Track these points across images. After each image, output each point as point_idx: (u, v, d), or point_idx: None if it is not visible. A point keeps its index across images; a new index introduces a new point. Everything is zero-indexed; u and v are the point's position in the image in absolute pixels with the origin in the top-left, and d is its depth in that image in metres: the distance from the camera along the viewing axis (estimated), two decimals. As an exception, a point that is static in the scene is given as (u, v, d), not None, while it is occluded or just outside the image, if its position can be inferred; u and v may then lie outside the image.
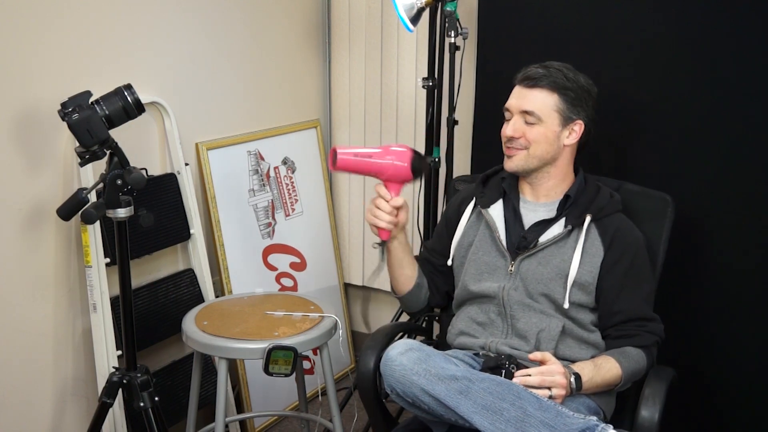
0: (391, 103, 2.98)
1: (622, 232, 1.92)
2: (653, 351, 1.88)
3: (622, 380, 1.81)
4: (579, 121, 1.92)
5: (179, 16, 2.45)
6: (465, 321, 1.98)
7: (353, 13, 2.99)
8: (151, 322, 2.33)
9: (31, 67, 2.03)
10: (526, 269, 1.91)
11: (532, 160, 1.92)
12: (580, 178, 1.99)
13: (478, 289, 1.95)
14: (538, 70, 1.91)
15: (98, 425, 1.97)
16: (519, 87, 1.94)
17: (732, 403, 2.31)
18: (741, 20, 2.13)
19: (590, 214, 1.91)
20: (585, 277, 1.88)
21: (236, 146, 2.70)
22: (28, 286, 2.09)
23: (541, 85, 1.89)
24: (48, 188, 2.10)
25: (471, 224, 2.04)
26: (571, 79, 1.91)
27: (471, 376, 1.66)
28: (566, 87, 1.90)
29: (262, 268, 2.79)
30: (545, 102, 1.89)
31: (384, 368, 1.71)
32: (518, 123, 1.91)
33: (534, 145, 1.90)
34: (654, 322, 1.90)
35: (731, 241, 2.23)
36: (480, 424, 1.61)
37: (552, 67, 1.92)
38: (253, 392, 2.68)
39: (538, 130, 1.90)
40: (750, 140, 2.17)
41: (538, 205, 1.98)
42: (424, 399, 1.66)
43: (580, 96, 1.91)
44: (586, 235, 1.90)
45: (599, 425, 1.62)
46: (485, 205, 2.02)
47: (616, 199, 1.97)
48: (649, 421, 1.72)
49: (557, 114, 1.90)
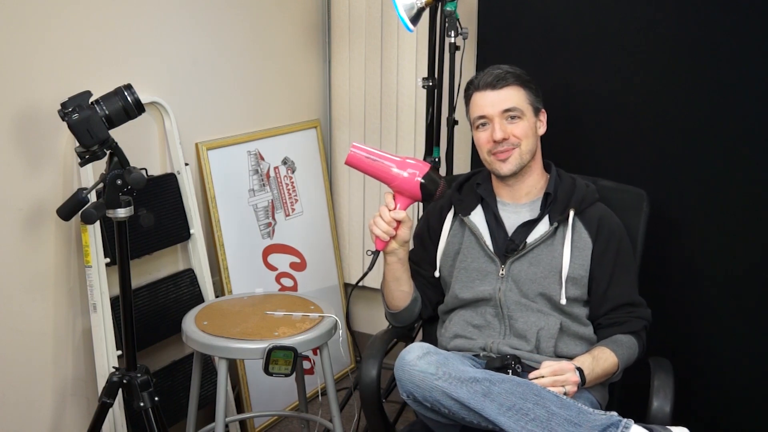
0: (391, 103, 2.98)
1: (606, 221, 1.95)
2: (643, 335, 1.92)
3: (619, 368, 1.85)
4: (542, 110, 1.98)
5: (179, 16, 2.45)
6: (460, 324, 1.97)
7: (353, 13, 2.99)
8: (151, 322, 2.33)
9: (31, 67, 2.03)
10: (518, 271, 1.92)
11: (526, 156, 1.94)
12: (554, 174, 2.01)
13: (470, 296, 1.96)
14: (495, 72, 1.93)
15: (98, 425, 1.97)
16: (485, 92, 1.93)
17: (722, 399, 2.32)
18: (741, 20, 2.13)
19: (573, 208, 1.93)
20: (578, 271, 1.90)
21: (236, 146, 2.70)
22: (28, 286, 2.09)
23: (509, 83, 1.92)
24: (48, 188, 2.10)
25: (454, 232, 2.04)
26: (519, 71, 1.96)
27: (490, 378, 1.65)
28: (526, 80, 1.95)
29: (262, 268, 2.79)
30: (519, 96, 1.93)
31: (401, 373, 1.68)
32: (502, 124, 1.92)
33: (524, 140, 1.92)
34: (641, 306, 1.94)
35: (714, 238, 2.25)
36: (507, 425, 1.60)
37: (501, 67, 1.95)
38: (253, 392, 2.68)
39: (523, 124, 1.93)
40: (748, 139, 2.17)
41: (519, 206, 1.98)
42: (446, 402, 1.64)
43: (535, 85, 1.97)
44: (572, 229, 1.91)
45: (622, 420, 1.63)
46: (465, 212, 2.02)
47: (591, 188, 2.00)
48: (662, 412, 1.75)
49: (530, 106, 1.94)
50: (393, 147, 3.01)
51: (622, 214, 2.01)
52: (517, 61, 2.04)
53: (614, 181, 2.13)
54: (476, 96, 1.95)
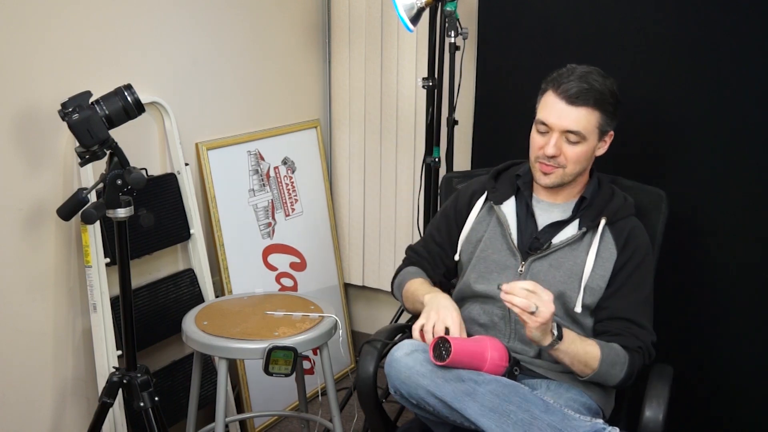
0: (391, 103, 2.98)
1: (635, 235, 1.88)
2: (636, 357, 1.80)
3: (598, 366, 1.74)
4: (611, 132, 1.88)
5: (179, 16, 2.45)
6: (466, 321, 1.94)
7: (353, 13, 2.99)
8: (151, 322, 2.33)
9: (31, 67, 2.03)
10: (538, 271, 1.87)
11: (568, 178, 1.87)
12: (594, 180, 1.95)
13: (481, 290, 1.92)
14: (580, 85, 1.80)
15: (98, 425, 1.97)
16: (558, 101, 1.81)
17: (730, 400, 2.32)
18: (741, 20, 2.13)
19: (605, 216, 1.87)
20: (597, 282, 1.85)
21: (236, 146, 2.70)
22: (28, 286, 2.09)
23: (587, 103, 1.80)
24: (48, 188, 2.10)
25: (480, 219, 1.99)
26: (608, 90, 1.82)
27: (477, 378, 1.64)
28: (606, 101, 1.82)
29: (262, 268, 2.79)
30: (590, 120, 1.81)
31: (389, 369, 1.70)
32: (560, 141, 1.82)
33: (572, 165, 1.85)
34: (643, 329, 1.84)
35: (729, 238, 2.24)
36: (487, 427, 1.59)
37: (591, 79, 1.81)
38: (253, 392, 2.68)
39: (581, 149, 1.83)
40: (747, 138, 2.17)
41: (553, 206, 1.94)
42: (430, 400, 1.65)
43: (615, 105, 1.85)
44: (600, 238, 1.86)
45: (606, 428, 1.61)
46: (498, 201, 1.97)
47: (629, 202, 1.94)
48: (654, 422, 1.70)
49: (597, 130, 1.83)
50: (393, 147, 3.01)
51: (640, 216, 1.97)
52: (517, 61, 2.03)
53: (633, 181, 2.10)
54: (549, 97, 1.83)
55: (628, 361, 1.79)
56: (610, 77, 1.86)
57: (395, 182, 3.04)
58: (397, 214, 3.05)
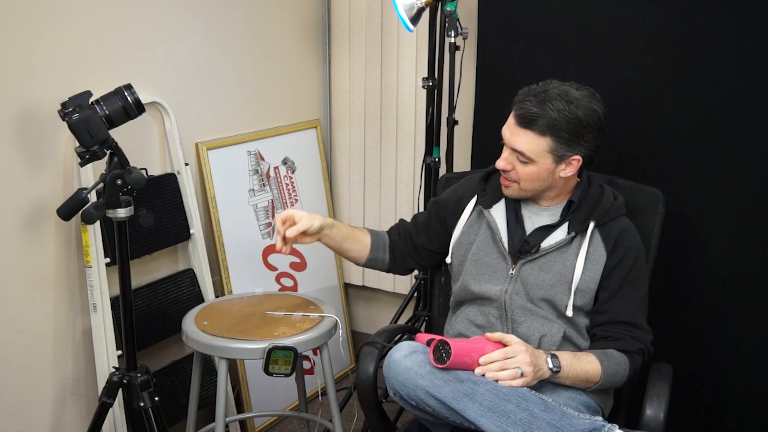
0: (391, 103, 2.98)
1: (625, 236, 1.89)
2: (637, 359, 1.83)
3: (601, 380, 1.77)
4: (576, 156, 1.83)
5: (179, 16, 2.45)
6: (463, 323, 1.97)
7: (353, 13, 2.99)
8: (151, 322, 2.33)
9: (31, 67, 2.03)
10: (527, 274, 1.88)
11: (525, 193, 1.89)
12: (584, 181, 1.94)
13: (479, 290, 1.93)
14: (532, 110, 1.78)
15: (98, 425, 1.97)
16: (512, 119, 1.84)
17: (729, 400, 2.32)
18: (740, 20, 2.13)
19: (594, 220, 1.87)
20: (587, 284, 1.85)
21: (236, 146, 2.70)
22: (28, 286, 2.09)
23: (533, 127, 1.79)
24: (48, 188, 2.10)
25: (471, 222, 2.00)
26: (567, 117, 1.78)
27: (475, 378, 1.65)
28: (559, 128, 1.78)
29: (262, 268, 2.79)
30: (537, 144, 1.80)
31: (387, 371, 1.70)
32: (510, 157, 1.85)
33: (525, 182, 1.86)
34: (642, 330, 1.86)
35: (726, 237, 2.24)
36: (487, 427, 1.60)
37: (549, 103, 1.78)
38: (253, 392, 2.68)
39: (530, 169, 1.83)
40: (744, 138, 2.17)
41: (540, 209, 1.94)
42: (429, 402, 1.65)
43: (577, 133, 1.79)
44: (589, 241, 1.87)
45: (605, 425, 1.62)
46: (487, 205, 1.98)
47: (619, 201, 1.93)
48: (655, 420, 1.71)
49: (549, 154, 1.81)
50: (393, 147, 3.01)
51: (637, 216, 1.97)
52: (517, 61, 2.03)
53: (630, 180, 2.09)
54: (511, 113, 1.85)
55: (629, 365, 1.82)
56: (591, 102, 1.81)
57: (395, 182, 3.04)
58: (397, 214, 3.05)
